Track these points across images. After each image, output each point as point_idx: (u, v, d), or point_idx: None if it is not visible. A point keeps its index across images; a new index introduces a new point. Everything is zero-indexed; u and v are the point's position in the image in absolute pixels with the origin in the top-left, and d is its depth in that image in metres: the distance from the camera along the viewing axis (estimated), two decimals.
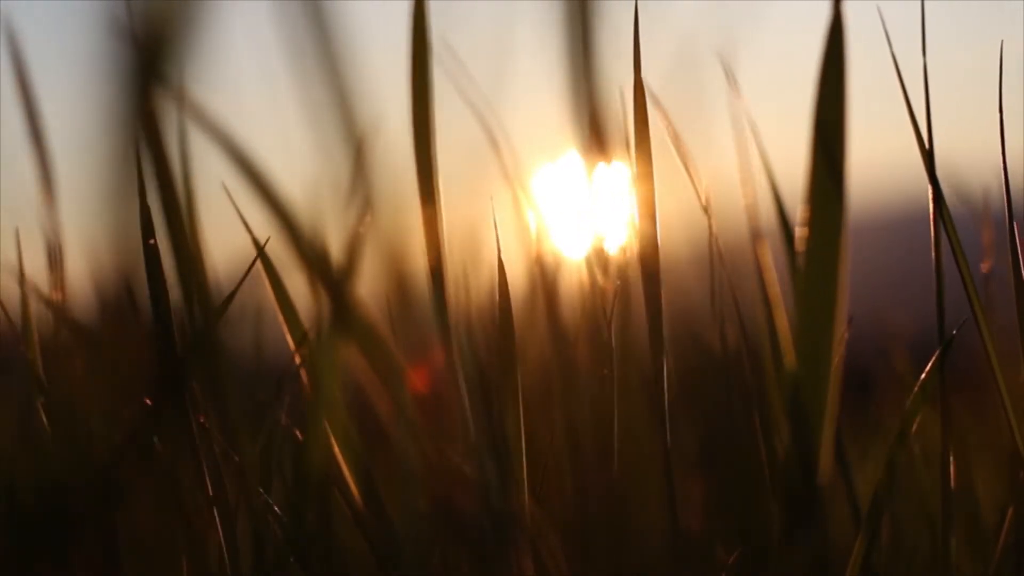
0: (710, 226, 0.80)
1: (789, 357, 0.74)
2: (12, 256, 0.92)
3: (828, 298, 0.72)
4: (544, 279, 0.77)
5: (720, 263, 0.79)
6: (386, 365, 0.69)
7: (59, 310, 0.87)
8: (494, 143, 0.79)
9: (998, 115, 0.82)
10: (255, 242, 0.87)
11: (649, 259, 0.76)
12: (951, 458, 0.85)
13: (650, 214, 0.77)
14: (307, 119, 0.60)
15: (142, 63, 0.52)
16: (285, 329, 0.86)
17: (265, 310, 0.96)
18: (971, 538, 0.99)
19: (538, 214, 0.80)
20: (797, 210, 0.73)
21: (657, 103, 0.79)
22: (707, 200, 0.80)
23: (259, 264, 0.87)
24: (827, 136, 0.70)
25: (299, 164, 0.66)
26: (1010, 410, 0.83)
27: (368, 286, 0.68)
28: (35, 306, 0.89)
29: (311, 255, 0.66)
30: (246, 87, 0.70)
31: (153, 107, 0.55)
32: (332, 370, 0.80)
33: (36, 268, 0.91)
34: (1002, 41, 0.81)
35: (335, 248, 0.67)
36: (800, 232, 0.72)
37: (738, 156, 0.79)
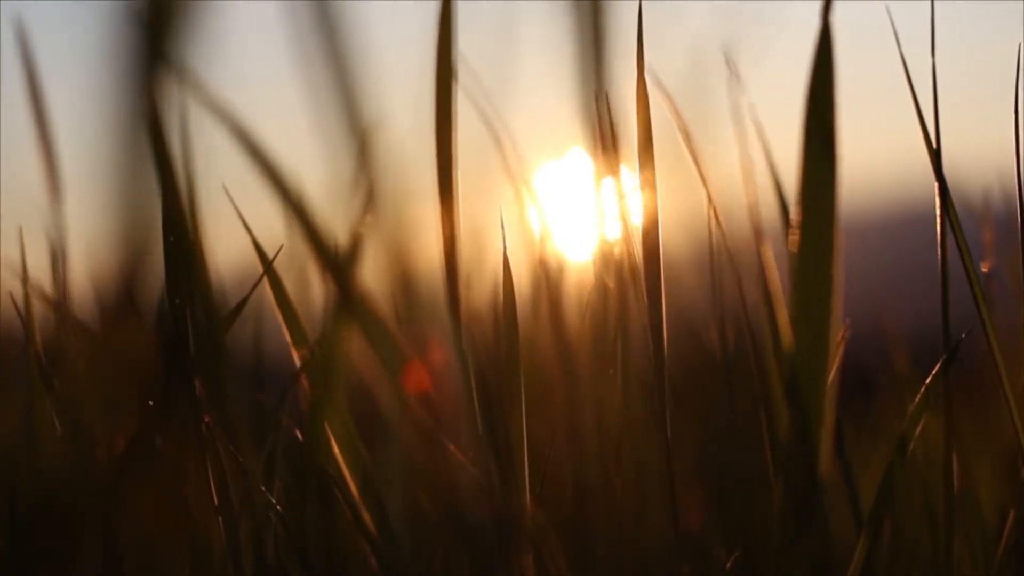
0: (715, 224, 0.79)
1: (789, 352, 0.74)
2: (15, 254, 0.92)
3: (823, 296, 0.72)
4: (548, 278, 0.77)
5: (722, 261, 0.79)
6: (391, 353, 0.69)
7: (62, 309, 0.87)
8: (499, 142, 0.79)
9: (1009, 116, 0.82)
10: (256, 245, 0.87)
11: (651, 258, 0.76)
12: (954, 459, 0.84)
13: (653, 213, 0.77)
14: (312, 113, 0.60)
15: (148, 53, 0.52)
16: (286, 331, 0.86)
17: (266, 309, 0.95)
18: (973, 539, 0.99)
19: (542, 213, 0.79)
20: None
21: (663, 101, 0.79)
22: (712, 198, 0.80)
23: (260, 263, 0.86)
24: (819, 137, 0.71)
25: (305, 157, 0.66)
26: (1014, 410, 0.83)
27: (373, 282, 0.68)
28: (38, 305, 0.89)
29: (318, 240, 0.66)
30: (252, 80, 0.70)
31: (158, 100, 0.55)
32: (333, 369, 0.80)
33: (40, 266, 0.90)
34: (1020, 43, 0.81)
35: (342, 237, 0.67)
36: (793, 232, 0.72)
37: (741, 155, 0.79)
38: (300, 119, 0.61)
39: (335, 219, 0.66)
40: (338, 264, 0.67)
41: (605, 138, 0.70)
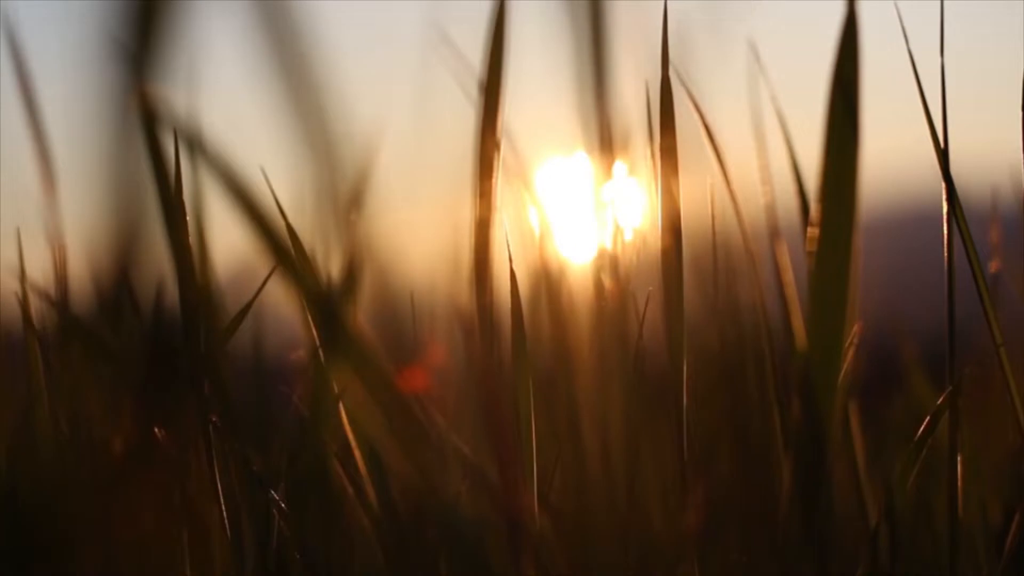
0: (733, 221, 0.79)
1: (802, 349, 0.73)
2: (14, 254, 0.91)
3: (840, 294, 0.72)
4: (550, 280, 0.77)
5: (739, 258, 0.79)
6: (382, 385, 0.69)
7: (61, 309, 0.87)
8: (500, 141, 0.79)
9: (1018, 115, 0.81)
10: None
11: (671, 255, 0.76)
12: (959, 459, 0.84)
13: (674, 211, 0.76)
14: (286, 125, 0.59)
15: (131, 65, 0.52)
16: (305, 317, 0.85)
17: (267, 308, 0.95)
18: (978, 540, 0.99)
19: (544, 214, 0.79)
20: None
21: (685, 99, 0.78)
22: (733, 194, 0.79)
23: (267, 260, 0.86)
24: (840, 132, 0.70)
25: (282, 171, 0.66)
26: (1020, 409, 0.83)
27: (362, 297, 0.67)
28: (36, 304, 0.89)
29: (300, 278, 0.66)
30: (227, 93, 0.69)
31: (153, 103, 0.55)
32: (331, 377, 0.80)
33: (38, 266, 0.90)
34: None
35: (324, 265, 0.67)
36: (812, 230, 0.72)
37: (758, 151, 0.79)
38: (277, 131, 0.60)
39: (315, 238, 0.65)
40: (324, 305, 0.66)
41: (605, 137, 0.69)
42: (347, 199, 0.60)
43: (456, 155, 0.78)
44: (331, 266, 0.66)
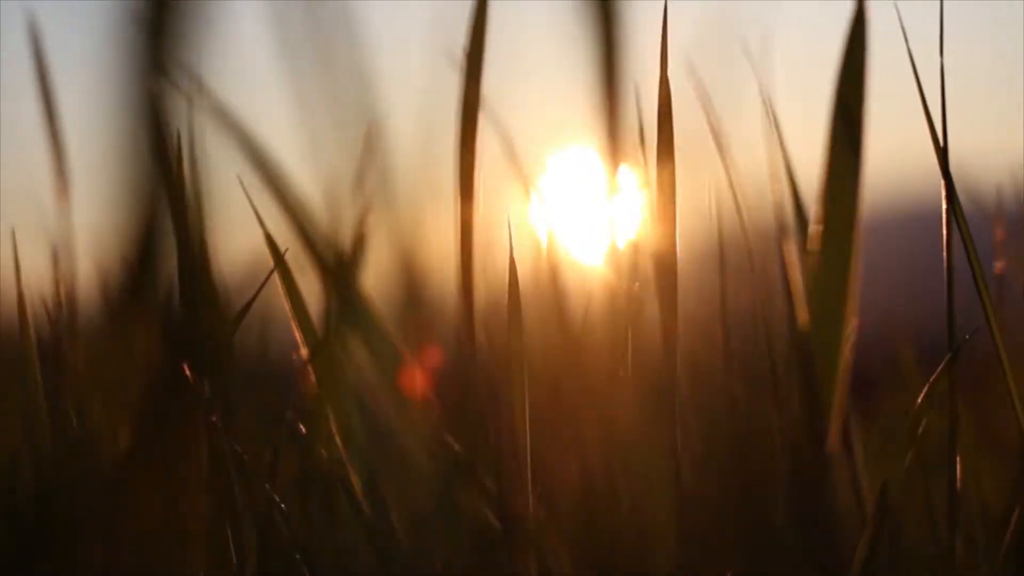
0: (739, 221, 0.79)
1: (804, 335, 0.73)
2: (18, 254, 0.91)
3: (840, 294, 0.72)
4: (554, 278, 0.77)
5: (742, 259, 0.79)
6: (390, 359, 0.69)
7: (65, 307, 0.87)
8: (506, 141, 0.79)
9: (1019, 115, 0.81)
10: (268, 239, 0.87)
11: (666, 256, 0.76)
12: (957, 458, 0.84)
13: (670, 212, 0.76)
14: (314, 115, 0.60)
15: (152, 54, 0.52)
16: (295, 327, 0.86)
17: (272, 306, 0.96)
18: (976, 537, 0.99)
19: (550, 213, 0.79)
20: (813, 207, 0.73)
21: (694, 98, 0.78)
22: (737, 195, 0.79)
23: (270, 260, 0.86)
24: (845, 132, 0.70)
25: (306, 160, 0.66)
26: (1019, 410, 0.83)
27: (376, 283, 0.68)
28: (40, 304, 0.89)
29: (320, 246, 0.66)
30: (253, 82, 0.70)
31: (163, 99, 0.55)
32: (338, 367, 0.80)
33: (39, 266, 0.90)
34: None
35: (344, 240, 0.67)
36: (814, 230, 0.72)
37: (768, 148, 0.79)
38: (302, 118, 0.60)
39: (336, 220, 0.66)
40: (338, 270, 0.67)
41: (616, 136, 0.70)
42: (363, 182, 0.60)
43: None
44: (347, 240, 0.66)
